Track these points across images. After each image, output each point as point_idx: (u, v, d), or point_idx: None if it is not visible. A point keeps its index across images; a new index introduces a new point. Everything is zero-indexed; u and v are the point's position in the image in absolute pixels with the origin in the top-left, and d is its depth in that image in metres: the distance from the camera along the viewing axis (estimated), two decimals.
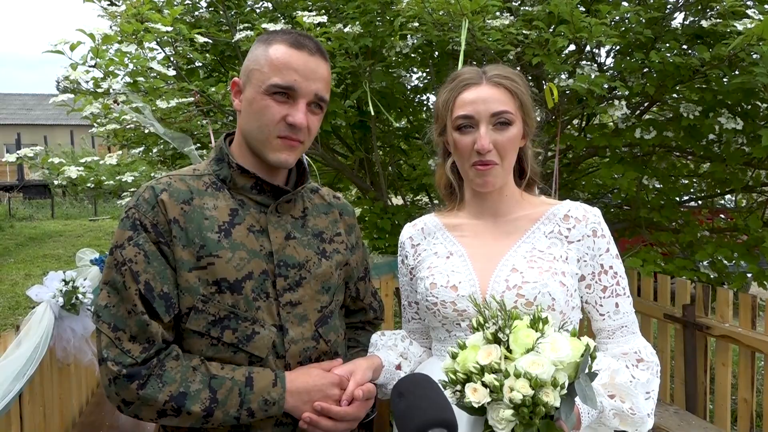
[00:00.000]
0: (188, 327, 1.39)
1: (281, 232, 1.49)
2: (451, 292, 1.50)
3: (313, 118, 1.46)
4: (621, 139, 3.53)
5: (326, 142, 4.43)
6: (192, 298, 1.38)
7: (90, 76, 3.12)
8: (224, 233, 1.42)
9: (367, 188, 4.52)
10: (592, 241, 1.52)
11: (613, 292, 1.52)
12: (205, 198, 1.46)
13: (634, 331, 1.54)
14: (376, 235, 4.17)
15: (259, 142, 1.44)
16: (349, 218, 1.70)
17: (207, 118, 3.95)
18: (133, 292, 1.35)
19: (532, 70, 3.59)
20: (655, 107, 4.01)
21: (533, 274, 1.45)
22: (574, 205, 1.56)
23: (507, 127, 1.49)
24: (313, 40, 1.46)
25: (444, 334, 1.56)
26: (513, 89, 1.51)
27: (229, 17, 3.83)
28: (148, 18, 2.97)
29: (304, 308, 1.48)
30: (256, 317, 1.42)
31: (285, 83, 1.40)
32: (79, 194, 16.58)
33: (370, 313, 1.79)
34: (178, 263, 1.39)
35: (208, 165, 1.53)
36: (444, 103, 1.55)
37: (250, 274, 1.42)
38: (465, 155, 1.51)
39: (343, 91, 4.04)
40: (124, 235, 1.39)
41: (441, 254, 1.60)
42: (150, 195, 1.42)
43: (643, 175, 3.73)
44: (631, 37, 3.33)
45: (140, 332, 1.34)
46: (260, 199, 1.49)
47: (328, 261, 1.55)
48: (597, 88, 3.03)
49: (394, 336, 1.70)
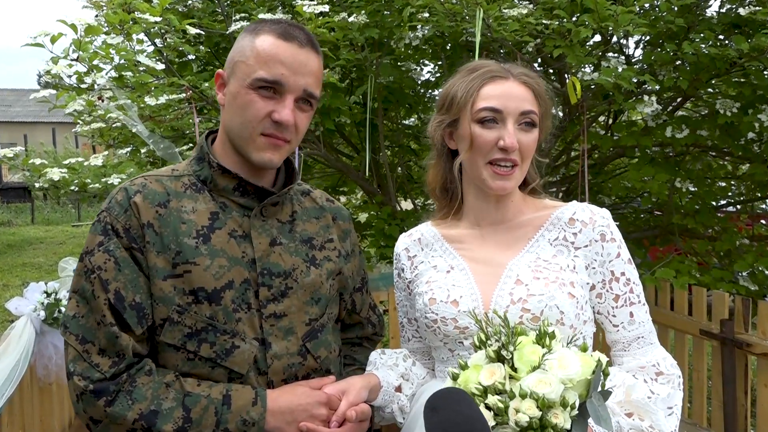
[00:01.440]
0: (163, 340, 1.40)
1: (266, 238, 1.50)
2: (451, 308, 1.51)
3: (302, 116, 1.47)
4: (651, 138, 3.54)
5: (329, 142, 4.48)
6: (167, 308, 1.39)
7: (73, 70, 3.17)
8: (203, 238, 1.43)
9: (374, 191, 4.56)
10: (600, 246, 1.52)
11: (626, 300, 1.53)
12: (183, 200, 1.47)
13: (652, 342, 1.55)
14: (383, 243, 4.21)
15: (241, 139, 1.46)
16: (344, 223, 1.71)
17: (200, 116, 4.01)
18: (102, 302, 1.36)
19: (553, 63, 3.62)
20: (688, 103, 4.02)
21: (539, 286, 1.46)
22: (579, 207, 1.56)
23: (532, 128, 1.51)
24: (304, 30, 1.47)
25: (446, 353, 1.56)
26: (539, 92, 1.55)
27: (224, 6, 3.88)
28: (136, 8, 3.02)
29: (290, 321, 1.49)
30: (236, 330, 1.42)
31: (271, 77, 1.41)
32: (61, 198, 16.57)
33: (368, 327, 1.80)
34: (152, 271, 1.40)
35: (188, 165, 1.55)
36: (464, 92, 1.54)
37: (231, 283, 1.43)
38: (484, 151, 1.51)
39: (347, 86, 4.08)
40: (95, 240, 1.41)
41: (441, 268, 1.61)
42: (123, 197, 1.44)
43: (676, 177, 3.75)
44: (661, 26, 3.35)
45: (109, 345, 1.35)
46: (243, 201, 1.50)
47: (317, 269, 1.56)
48: (624, 82, 3.05)
49: (396, 355, 1.72)
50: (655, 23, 3.35)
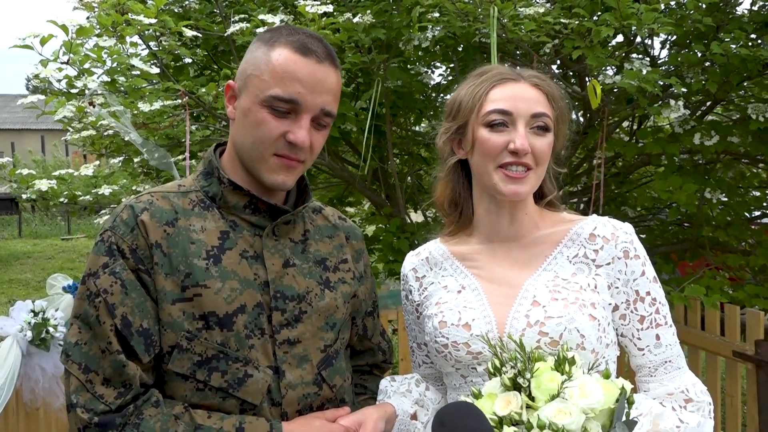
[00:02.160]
0: (170, 368, 1.39)
1: (279, 259, 1.49)
2: (463, 332, 1.49)
3: (317, 135, 1.46)
4: (678, 145, 3.53)
5: (334, 150, 4.48)
6: (175, 334, 1.38)
7: (63, 74, 3.18)
8: (213, 260, 1.43)
9: (382, 203, 4.55)
10: (623, 264, 1.51)
11: (652, 322, 1.51)
12: (192, 218, 1.46)
13: (680, 366, 1.53)
14: (392, 258, 4.20)
15: (252, 159, 1.45)
16: (357, 243, 1.71)
17: (196, 123, 4.02)
18: (107, 328, 1.35)
19: (573, 65, 3.62)
20: (718, 108, 4.01)
21: (557, 307, 1.44)
22: (600, 222, 1.55)
23: (545, 132, 1.50)
24: (322, 43, 1.45)
25: (458, 380, 1.55)
26: (552, 95, 1.54)
27: (222, 7, 3.90)
28: (130, 9, 3.04)
29: (305, 347, 1.48)
30: (248, 357, 1.41)
31: (287, 95, 1.39)
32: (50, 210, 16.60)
33: (378, 354, 1.79)
34: (160, 294, 1.39)
35: (195, 180, 1.54)
36: (471, 96, 1.54)
37: (243, 308, 1.42)
38: (493, 155, 1.49)
39: (353, 90, 4.09)
40: (99, 261, 1.39)
41: (451, 288, 1.59)
42: (129, 215, 1.42)
43: (706, 186, 3.73)
44: (688, 25, 3.35)
45: (115, 374, 1.34)
46: (255, 219, 1.49)
47: (332, 292, 1.55)
48: (649, 85, 3.05)
49: (407, 381, 1.71)
50: (682, 22, 3.34)
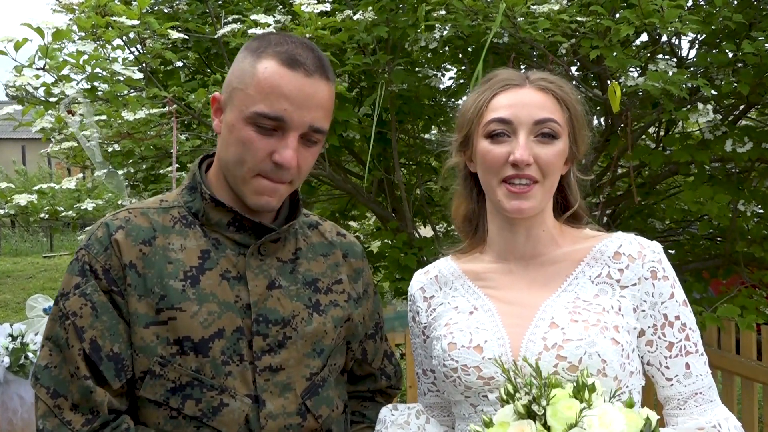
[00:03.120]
0: (143, 395, 1.43)
1: (263, 280, 1.51)
2: (474, 354, 1.48)
3: (306, 153, 1.47)
4: (708, 152, 3.53)
5: (336, 160, 4.49)
6: (148, 359, 1.41)
7: (41, 81, 3.21)
8: (191, 281, 1.45)
9: (388, 216, 4.55)
10: (651, 285, 1.50)
11: (681, 349, 1.51)
12: (171, 236, 1.49)
13: (712, 399, 1.52)
14: (398, 275, 4.19)
15: (236, 178, 1.47)
16: (356, 261, 1.71)
17: (186, 132, 4.05)
18: (76, 352, 1.39)
19: (593, 67, 3.63)
20: (753, 111, 4.01)
21: (577, 329, 1.44)
22: (626, 239, 1.55)
23: (552, 140, 1.49)
24: (313, 52, 1.46)
25: (468, 409, 1.54)
26: (562, 97, 1.53)
27: (214, 7, 3.93)
28: (112, 11, 3.06)
29: (288, 375, 1.50)
30: (225, 385, 1.43)
31: (273, 113, 1.40)
32: (31, 225, 16.63)
33: (381, 380, 1.79)
34: (133, 317, 1.42)
35: (179, 195, 1.56)
36: (473, 107, 1.55)
37: (221, 332, 1.44)
38: (494, 168, 1.49)
39: (356, 95, 4.10)
40: (72, 281, 1.44)
41: (463, 309, 1.59)
42: (103, 234, 1.46)
43: (740, 198, 3.72)
44: (717, 23, 3.35)
45: (83, 400, 1.38)
46: (239, 238, 1.51)
47: (321, 317, 1.56)
48: (674, 87, 3.04)
49: (408, 411, 1.70)
50: (710, 20, 3.34)
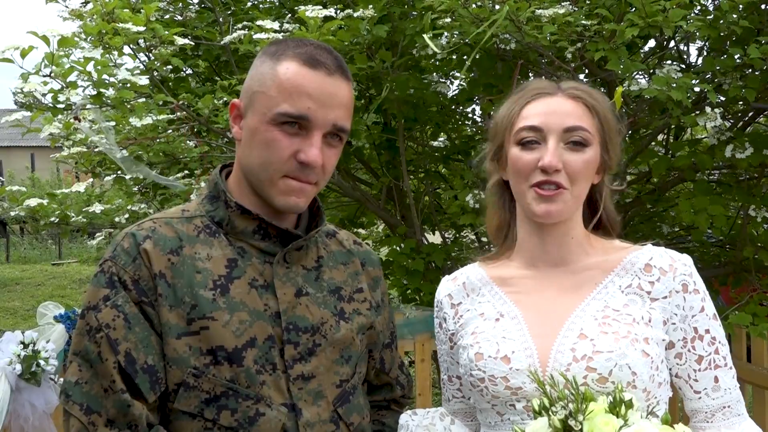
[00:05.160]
0: (177, 407, 1.41)
1: (291, 288, 1.51)
2: (502, 365, 1.50)
3: (330, 153, 1.48)
4: (710, 157, 3.54)
5: (345, 167, 4.52)
6: (181, 371, 1.41)
7: (48, 88, 3.26)
8: (220, 290, 1.45)
9: (397, 223, 4.58)
10: (682, 298, 1.53)
11: (710, 362, 1.53)
12: (197, 246, 1.48)
13: (740, 413, 1.54)
14: (405, 281, 4.21)
15: (262, 182, 1.47)
16: (374, 270, 1.73)
17: (197, 139, 4.11)
18: (110, 365, 1.37)
19: (601, 72, 3.66)
20: (762, 117, 4.02)
21: (607, 341, 1.45)
22: (657, 252, 1.57)
23: (582, 148, 1.52)
24: (332, 54, 1.48)
25: (494, 417, 1.55)
26: (593, 105, 1.56)
27: (223, 15, 3.98)
28: (119, 18, 3.12)
29: (319, 383, 1.50)
30: (260, 394, 1.43)
31: (296, 112, 1.42)
32: (40, 232, 16.68)
33: (396, 389, 1.81)
34: (165, 328, 1.41)
35: (199, 204, 1.56)
36: (505, 116, 1.59)
37: (253, 341, 1.44)
38: (524, 174, 1.53)
39: (365, 103, 4.15)
40: (99, 293, 1.41)
41: (489, 316, 1.60)
42: (130, 244, 1.45)
43: (750, 203, 3.73)
44: (724, 28, 3.38)
45: (120, 415, 1.36)
46: (264, 246, 1.51)
47: (347, 324, 1.57)
48: (679, 92, 3.07)
49: (431, 414, 1.73)
50: (716, 24, 3.37)
